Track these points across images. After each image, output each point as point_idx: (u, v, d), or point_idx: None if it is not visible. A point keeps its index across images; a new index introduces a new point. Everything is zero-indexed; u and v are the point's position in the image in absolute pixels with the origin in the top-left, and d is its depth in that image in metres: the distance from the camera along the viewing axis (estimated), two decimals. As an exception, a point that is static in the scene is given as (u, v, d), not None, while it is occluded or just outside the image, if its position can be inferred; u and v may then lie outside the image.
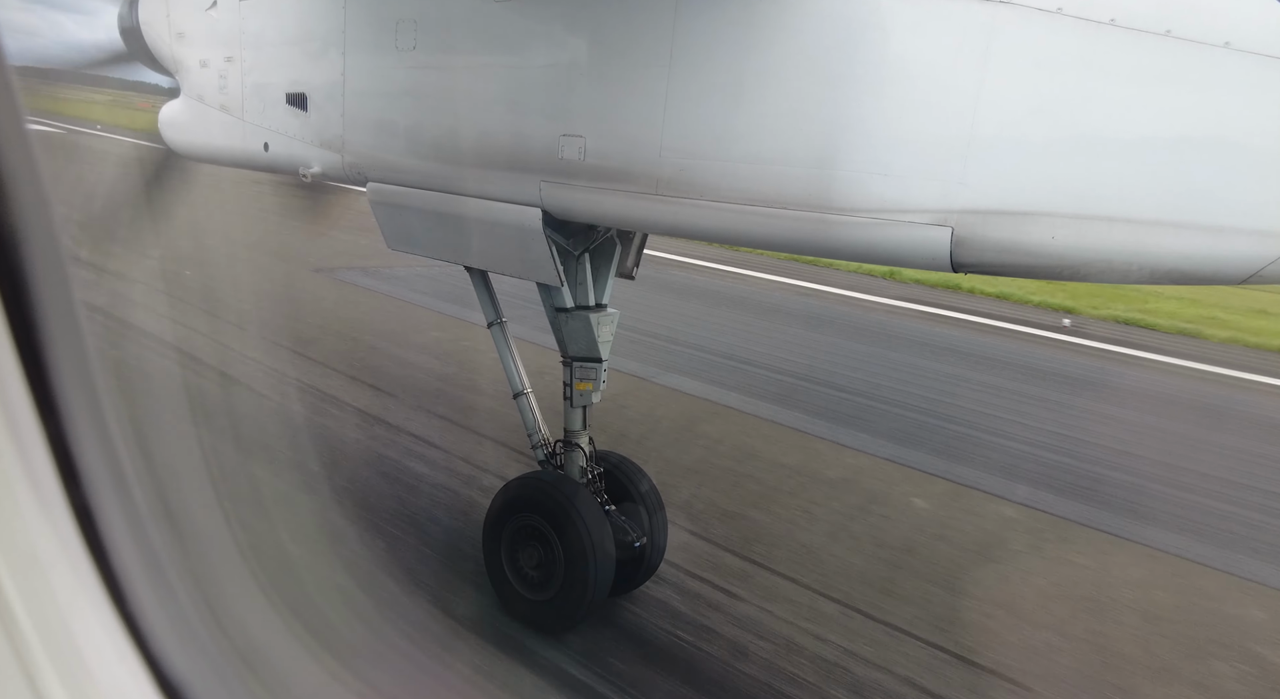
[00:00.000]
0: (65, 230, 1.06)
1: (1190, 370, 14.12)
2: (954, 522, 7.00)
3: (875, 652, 4.99)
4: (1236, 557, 6.92)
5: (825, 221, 3.53)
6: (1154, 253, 3.02)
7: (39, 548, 1.07)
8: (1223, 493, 8.38)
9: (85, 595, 1.17)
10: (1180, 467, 9.07)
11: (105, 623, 1.20)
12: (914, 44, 3.28)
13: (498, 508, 5.02)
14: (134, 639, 1.22)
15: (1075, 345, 15.25)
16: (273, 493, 5.27)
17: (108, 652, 1.20)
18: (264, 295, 12.40)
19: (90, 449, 1.09)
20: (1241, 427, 11.32)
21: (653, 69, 3.81)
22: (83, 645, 1.17)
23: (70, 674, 1.13)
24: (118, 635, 1.21)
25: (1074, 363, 13.91)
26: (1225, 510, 7.95)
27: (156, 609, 1.25)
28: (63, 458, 1.07)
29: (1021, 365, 13.26)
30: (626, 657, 4.70)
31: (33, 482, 1.04)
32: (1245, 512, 7.94)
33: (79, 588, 1.16)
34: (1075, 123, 3.07)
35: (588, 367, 5.03)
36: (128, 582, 1.22)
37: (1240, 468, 9.28)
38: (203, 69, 5.83)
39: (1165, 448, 9.80)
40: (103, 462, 1.12)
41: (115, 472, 1.14)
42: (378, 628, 3.38)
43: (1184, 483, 8.54)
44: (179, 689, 1.24)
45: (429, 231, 5.03)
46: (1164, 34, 2.84)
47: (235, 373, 8.55)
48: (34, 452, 1.04)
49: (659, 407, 9.23)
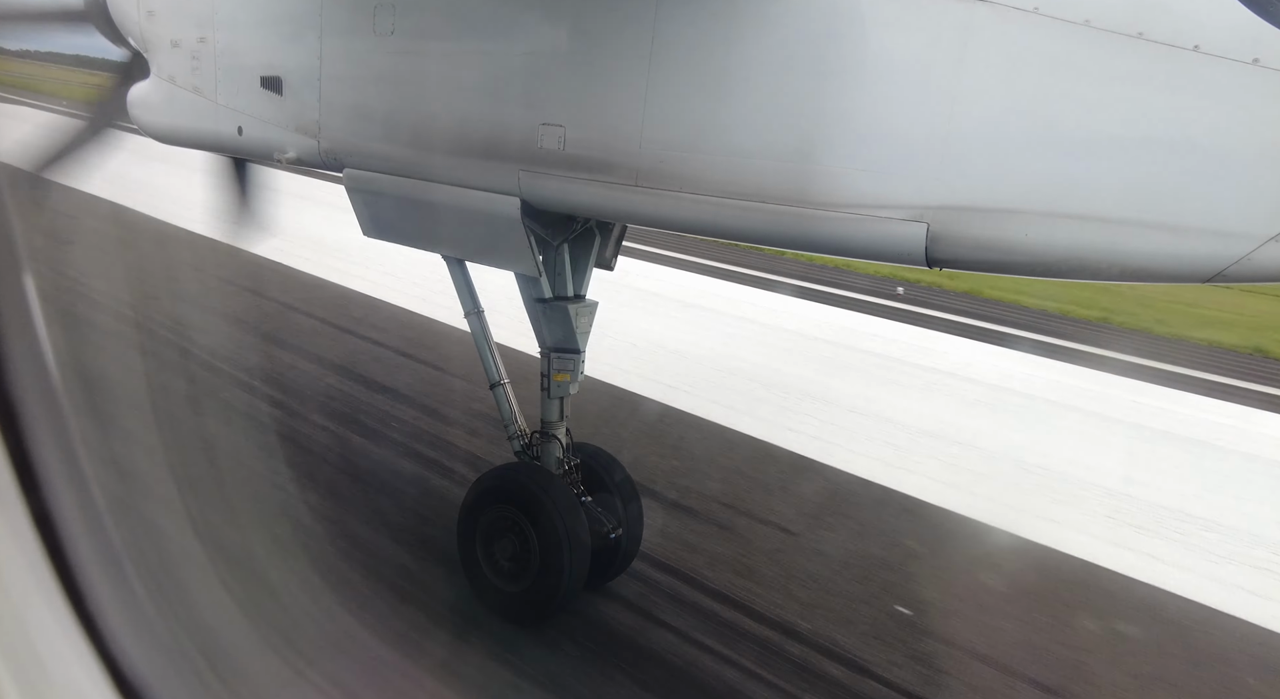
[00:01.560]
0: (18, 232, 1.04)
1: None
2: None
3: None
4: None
5: (802, 216, 3.54)
6: (1123, 251, 3.07)
7: None
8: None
9: (41, 595, 1.15)
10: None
11: (61, 622, 1.18)
12: (892, 40, 3.29)
13: (472, 499, 5.00)
14: (91, 638, 1.20)
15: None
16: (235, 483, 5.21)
17: (64, 650, 1.18)
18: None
19: (50, 455, 1.08)
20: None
21: (634, 59, 3.78)
22: (38, 644, 1.15)
23: (24, 673, 1.12)
24: (74, 635, 1.19)
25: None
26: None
27: (115, 608, 1.24)
28: (22, 465, 1.05)
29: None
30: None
31: None
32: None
33: (35, 587, 1.14)
34: (1049, 122, 3.10)
35: (565, 357, 5.01)
36: (85, 581, 1.20)
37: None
38: (174, 49, 5.69)
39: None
40: (61, 464, 1.10)
41: (74, 473, 1.12)
42: (342, 622, 3.37)
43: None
44: (136, 687, 1.22)
45: (406, 219, 4.97)
46: (1136, 36, 2.87)
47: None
48: None
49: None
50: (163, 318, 9.57)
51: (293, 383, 8.24)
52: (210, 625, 1.67)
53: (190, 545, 2.11)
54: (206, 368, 8.16)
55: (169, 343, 8.80)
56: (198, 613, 1.67)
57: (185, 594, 1.69)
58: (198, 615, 1.66)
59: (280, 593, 3.05)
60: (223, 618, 1.75)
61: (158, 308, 9.93)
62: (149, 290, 10.67)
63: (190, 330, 9.38)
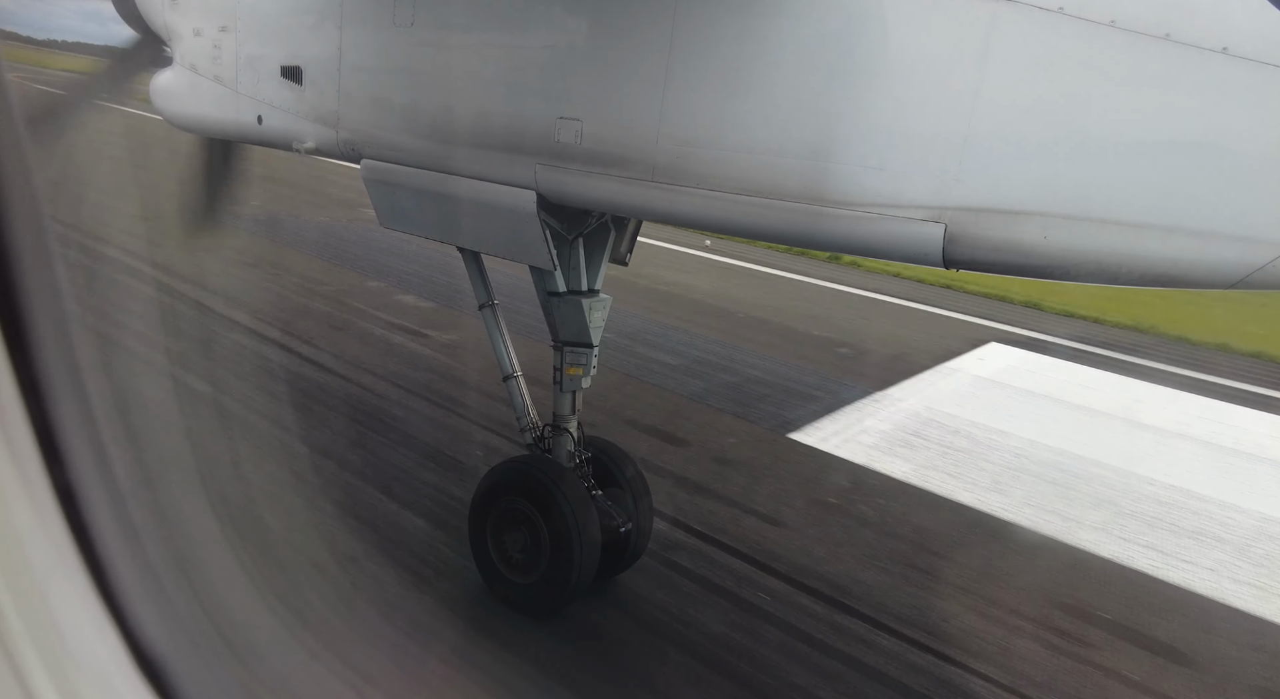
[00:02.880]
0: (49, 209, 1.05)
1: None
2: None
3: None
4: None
5: (819, 214, 3.53)
6: (1143, 256, 3.04)
7: (20, 527, 1.07)
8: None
9: (65, 574, 1.17)
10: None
11: (85, 601, 1.20)
12: (914, 38, 3.27)
13: (484, 491, 5.03)
14: (114, 617, 1.22)
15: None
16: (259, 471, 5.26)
17: (87, 629, 1.20)
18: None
19: (73, 430, 1.09)
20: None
21: (652, 54, 3.78)
22: (62, 622, 1.17)
23: (50, 651, 1.13)
24: (98, 613, 1.21)
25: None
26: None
27: (138, 588, 1.25)
28: (46, 439, 1.07)
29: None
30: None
31: (16, 462, 1.04)
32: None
33: (59, 566, 1.16)
34: (1072, 123, 3.07)
35: (578, 351, 5.02)
36: (109, 560, 1.22)
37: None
38: (196, 38, 5.75)
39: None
40: (86, 442, 1.11)
41: (98, 452, 1.14)
42: (359, 608, 3.40)
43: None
44: (158, 667, 1.24)
45: (422, 211, 4.99)
46: (1163, 37, 2.84)
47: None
48: (17, 432, 1.04)
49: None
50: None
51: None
52: (231, 608, 1.69)
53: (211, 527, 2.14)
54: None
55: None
56: (216, 593, 1.69)
57: (206, 576, 1.71)
58: (217, 595, 1.68)
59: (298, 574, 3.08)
60: (240, 598, 1.78)
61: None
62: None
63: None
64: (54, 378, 1.06)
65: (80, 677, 1.13)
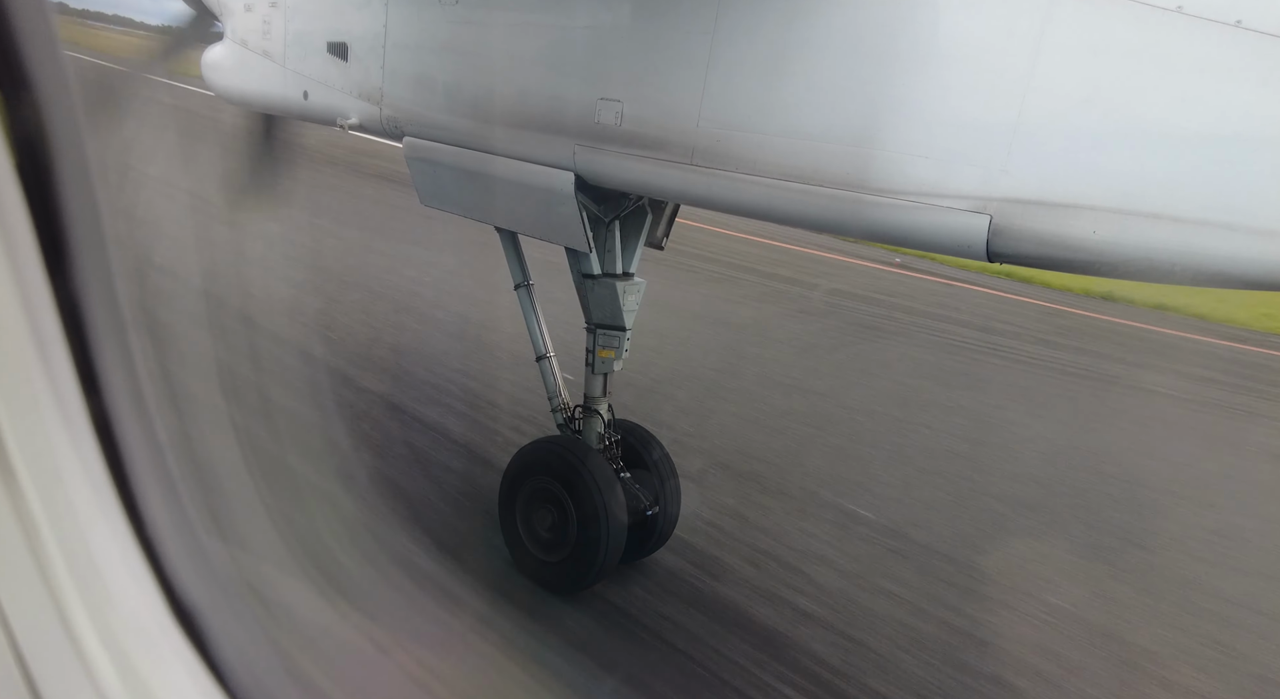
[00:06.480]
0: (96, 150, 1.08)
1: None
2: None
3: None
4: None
5: (861, 202, 3.47)
6: (1199, 254, 2.93)
7: (62, 465, 1.11)
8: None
9: (105, 517, 1.21)
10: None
11: (125, 547, 1.24)
12: (965, 23, 3.18)
13: (514, 470, 5.08)
14: (151, 565, 1.26)
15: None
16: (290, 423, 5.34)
17: (125, 575, 1.24)
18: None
19: (113, 366, 1.12)
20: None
21: (695, 36, 3.74)
22: (101, 564, 1.21)
23: (90, 592, 1.17)
24: (136, 560, 1.25)
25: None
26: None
27: (175, 539, 1.29)
28: (86, 373, 1.10)
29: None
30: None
31: (57, 396, 1.07)
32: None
33: (99, 508, 1.20)
34: (1128, 114, 2.96)
35: (611, 334, 5.03)
36: (148, 512, 1.26)
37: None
38: (247, 13, 5.84)
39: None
40: (124, 379, 1.14)
41: (135, 392, 1.17)
42: (388, 573, 3.46)
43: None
44: (192, 615, 1.28)
45: (461, 189, 5.02)
46: (1234, 25, 2.72)
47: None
48: (59, 367, 1.06)
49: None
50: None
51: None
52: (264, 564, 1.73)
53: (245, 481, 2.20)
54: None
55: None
56: (250, 548, 1.74)
57: (240, 531, 1.76)
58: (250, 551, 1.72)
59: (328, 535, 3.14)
60: (273, 555, 1.82)
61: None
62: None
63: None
64: (95, 314, 1.08)
65: (117, 618, 1.17)
